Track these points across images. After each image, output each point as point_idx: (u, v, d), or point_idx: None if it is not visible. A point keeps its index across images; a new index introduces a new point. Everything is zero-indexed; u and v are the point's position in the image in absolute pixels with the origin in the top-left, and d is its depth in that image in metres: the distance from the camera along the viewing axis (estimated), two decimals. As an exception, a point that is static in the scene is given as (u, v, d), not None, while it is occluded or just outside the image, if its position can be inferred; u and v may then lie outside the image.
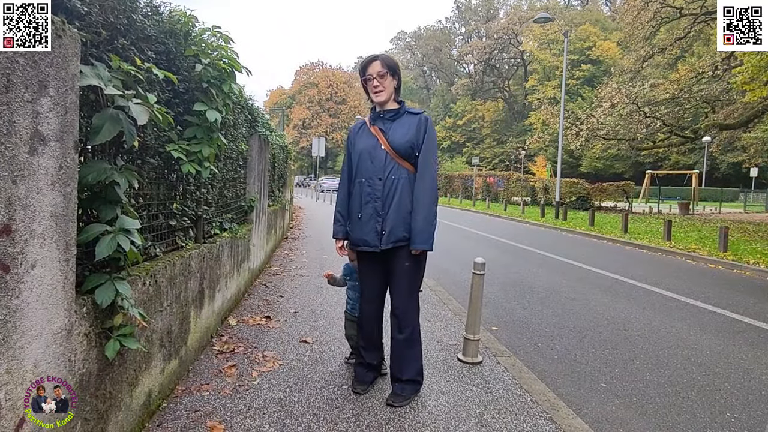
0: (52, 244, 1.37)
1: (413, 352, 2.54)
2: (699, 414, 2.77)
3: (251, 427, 2.22)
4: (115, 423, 1.84)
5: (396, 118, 2.47)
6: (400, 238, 2.41)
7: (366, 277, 2.63)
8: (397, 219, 2.39)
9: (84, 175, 1.54)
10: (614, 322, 4.60)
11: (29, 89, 1.24)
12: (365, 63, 2.46)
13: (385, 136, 2.44)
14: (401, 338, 2.50)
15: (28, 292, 1.28)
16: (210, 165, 2.65)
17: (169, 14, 2.45)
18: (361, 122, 2.63)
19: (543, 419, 2.46)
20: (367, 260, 2.57)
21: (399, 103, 2.53)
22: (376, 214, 2.42)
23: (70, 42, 1.39)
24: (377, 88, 2.42)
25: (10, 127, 1.18)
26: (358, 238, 2.49)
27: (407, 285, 2.49)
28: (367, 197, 2.44)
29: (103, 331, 1.68)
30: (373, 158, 2.44)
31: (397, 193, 2.40)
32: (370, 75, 2.43)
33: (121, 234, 1.64)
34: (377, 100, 2.45)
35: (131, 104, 1.60)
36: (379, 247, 2.42)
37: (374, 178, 2.42)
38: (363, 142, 2.51)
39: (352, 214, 2.52)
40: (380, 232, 2.41)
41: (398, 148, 2.41)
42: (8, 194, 1.18)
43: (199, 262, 2.93)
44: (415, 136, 2.42)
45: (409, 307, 2.52)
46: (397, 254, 2.45)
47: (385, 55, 2.49)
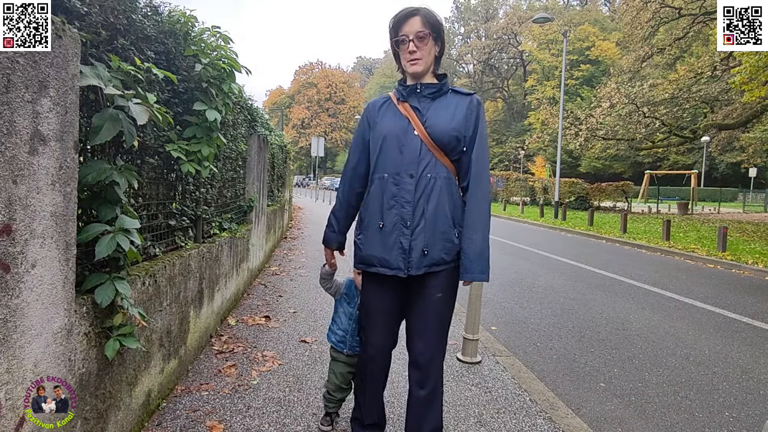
0: (52, 243, 1.37)
1: (434, 408, 1.88)
2: (697, 413, 2.78)
3: (251, 426, 2.22)
4: (115, 422, 1.84)
5: (437, 97, 1.82)
6: (437, 261, 1.76)
7: (377, 312, 1.90)
8: (434, 234, 1.74)
9: (84, 175, 1.54)
10: (613, 321, 4.61)
11: (29, 89, 1.24)
12: (400, 18, 1.78)
13: (420, 119, 1.78)
14: (422, 395, 1.83)
15: (29, 292, 1.28)
16: (209, 165, 2.65)
17: (169, 14, 2.45)
18: (385, 97, 1.94)
19: (542, 418, 2.46)
20: (380, 287, 1.87)
21: (439, 78, 1.87)
22: (402, 224, 1.74)
23: (70, 42, 1.39)
24: (414, 54, 1.76)
25: (11, 127, 1.18)
26: (373, 255, 1.79)
27: (438, 324, 1.82)
28: (392, 200, 1.76)
29: (102, 330, 1.68)
30: (403, 146, 1.77)
31: (434, 197, 1.74)
32: (404, 36, 1.76)
33: (120, 234, 1.64)
34: (412, 70, 1.78)
35: (131, 104, 1.60)
36: (406, 272, 1.74)
37: (403, 174, 1.75)
38: (388, 124, 1.83)
39: (367, 221, 1.83)
40: (407, 249, 1.74)
41: (439, 136, 1.75)
42: (8, 194, 1.19)
43: (199, 261, 2.93)
44: (463, 125, 1.78)
45: (437, 354, 1.86)
46: (427, 282, 1.79)
47: (427, 10, 1.79)
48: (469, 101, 1.82)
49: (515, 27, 55.39)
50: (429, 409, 1.85)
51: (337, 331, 2.21)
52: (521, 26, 54.43)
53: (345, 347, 2.17)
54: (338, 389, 2.20)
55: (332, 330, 2.25)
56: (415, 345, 1.84)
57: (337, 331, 2.21)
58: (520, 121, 54.50)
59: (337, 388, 2.20)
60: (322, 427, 2.22)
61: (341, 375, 2.18)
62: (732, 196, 38.26)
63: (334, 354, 2.23)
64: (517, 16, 55.83)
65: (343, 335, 2.18)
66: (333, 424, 2.25)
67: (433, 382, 1.84)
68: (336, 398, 2.22)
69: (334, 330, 2.24)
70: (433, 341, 1.83)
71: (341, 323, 2.21)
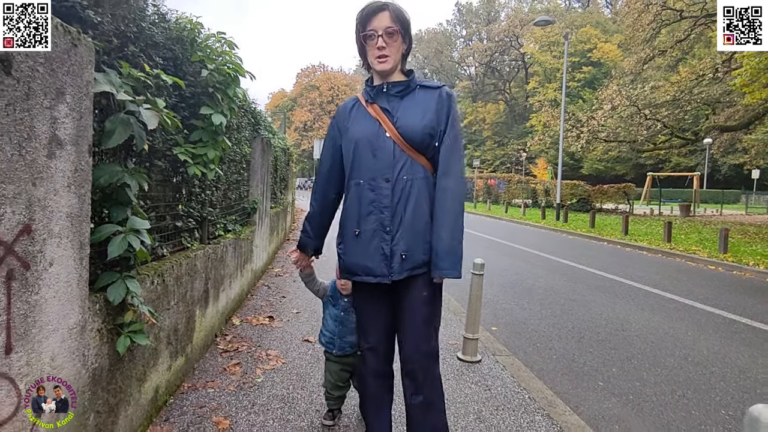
0: (68, 243, 1.44)
1: (433, 415, 1.79)
2: (694, 411, 2.82)
3: (256, 422, 2.28)
4: (125, 417, 1.90)
5: (406, 94, 1.77)
6: (419, 264, 1.73)
7: (369, 318, 1.89)
8: (414, 237, 1.71)
9: (97, 177, 1.61)
10: (612, 322, 4.65)
11: (48, 96, 1.31)
12: (368, 12, 1.72)
13: (391, 120, 1.73)
14: (416, 402, 1.78)
15: (46, 289, 1.35)
16: (215, 167, 2.72)
17: (176, 21, 2.52)
18: (353, 100, 1.89)
19: (540, 416, 2.51)
20: (370, 295, 1.84)
21: (407, 74, 1.81)
22: (382, 229, 1.71)
23: (85, 51, 1.46)
24: (382, 50, 1.70)
25: (31, 132, 1.25)
26: (355, 263, 1.77)
27: (423, 324, 1.77)
28: (370, 206, 1.73)
29: (114, 327, 1.75)
30: (376, 150, 1.73)
31: (412, 199, 1.71)
32: (372, 31, 1.70)
33: (131, 234, 1.70)
34: (380, 68, 1.73)
35: (142, 109, 1.67)
36: (390, 277, 1.72)
37: (379, 178, 1.72)
38: (359, 128, 1.78)
39: (345, 229, 1.81)
40: (388, 255, 1.71)
41: (412, 136, 1.71)
42: (29, 196, 1.25)
43: (204, 262, 2.99)
44: (435, 119, 1.74)
45: (427, 358, 1.78)
46: (412, 284, 1.76)
47: (395, 5, 1.73)
48: (438, 95, 1.77)
49: (517, 29, 55.47)
50: (426, 416, 1.78)
51: (325, 333, 2.29)
52: (523, 28, 54.51)
53: (334, 348, 2.25)
54: (335, 387, 2.28)
55: (322, 332, 2.33)
56: (404, 351, 1.79)
57: (326, 333, 2.29)
58: (521, 124, 54.51)
59: (334, 387, 2.28)
60: (324, 422, 2.29)
61: (335, 374, 2.27)
62: (735, 198, 38.20)
63: (326, 355, 2.31)
64: (519, 19, 55.93)
65: (331, 336, 2.25)
66: (335, 419, 2.31)
67: (427, 388, 1.78)
68: (335, 396, 2.29)
69: (323, 332, 2.31)
70: (422, 342, 1.77)
71: (328, 326, 2.28)
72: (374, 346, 1.87)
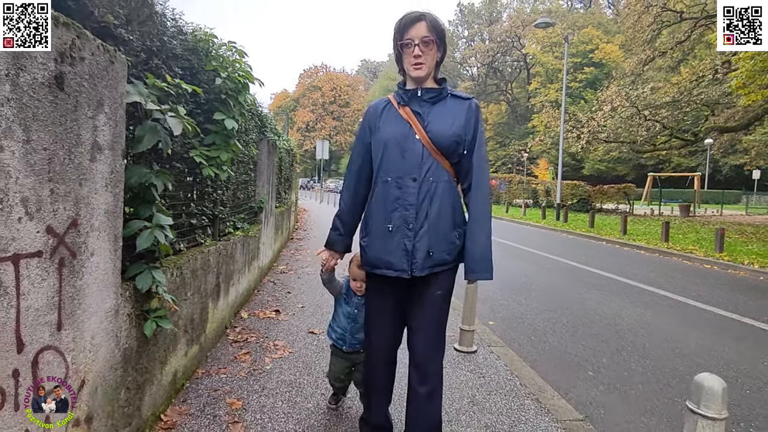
0: (105, 236, 1.63)
1: (434, 404, 1.93)
2: (677, 399, 2.99)
3: (266, 404, 2.47)
4: (150, 395, 2.10)
5: (437, 101, 1.87)
6: (440, 262, 1.83)
7: (381, 312, 1.97)
8: (437, 236, 1.81)
9: (128, 178, 1.80)
10: (606, 317, 4.83)
11: (90, 107, 1.50)
12: (406, 22, 1.82)
13: (422, 124, 1.83)
14: (423, 391, 1.89)
15: (89, 276, 1.54)
16: (227, 169, 2.92)
17: (192, 33, 2.72)
18: (385, 101, 1.98)
19: (530, 400, 2.70)
20: (385, 289, 1.92)
21: (439, 82, 1.92)
22: (405, 226, 1.80)
23: (120, 66, 1.66)
24: (418, 59, 1.79)
25: (78, 139, 1.44)
26: (378, 257, 1.85)
27: (436, 321, 1.90)
28: (395, 203, 1.81)
29: (141, 312, 1.94)
30: (405, 151, 1.82)
31: (436, 200, 1.80)
32: (410, 40, 1.80)
33: (157, 229, 1.90)
34: (415, 74, 1.82)
35: (168, 117, 1.86)
36: (410, 273, 1.80)
37: (406, 177, 1.81)
38: (390, 128, 1.88)
39: (372, 224, 1.89)
40: (410, 251, 1.79)
41: (441, 141, 1.81)
42: (76, 194, 1.45)
43: (216, 257, 3.19)
44: (463, 128, 1.84)
45: (437, 351, 1.93)
46: (430, 282, 1.85)
47: (432, 15, 1.83)
48: (468, 105, 1.88)
49: (519, 30, 55.60)
50: (429, 405, 1.90)
51: (336, 329, 2.38)
52: (525, 29, 54.61)
53: (344, 344, 2.34)
54: (337, 380, 2.41)
55: (332, 327, 2.41)
56: (416, 344, 1.89)
57: (337, 329, 2.37)
58: (523, 124, 54.63)
59: (336, 379, 2.41)
60: (329, 404, 2.48)
61: (340, 369, 2.38)
62: (736, 199, 38.27)
63: (334, 350, 2.42)
64: (521, 20, 56.05)
65: (342, 333, 2.34)
66: (339, 402, 2.50)
67: (433, 379, 1.90)
68: (337, 386, 2.45)
69: (334, 327, 2.40)
70: (433, 340, 1.89)
71: (340, 322, 2.36)
72: (382, 335, 1.97)
